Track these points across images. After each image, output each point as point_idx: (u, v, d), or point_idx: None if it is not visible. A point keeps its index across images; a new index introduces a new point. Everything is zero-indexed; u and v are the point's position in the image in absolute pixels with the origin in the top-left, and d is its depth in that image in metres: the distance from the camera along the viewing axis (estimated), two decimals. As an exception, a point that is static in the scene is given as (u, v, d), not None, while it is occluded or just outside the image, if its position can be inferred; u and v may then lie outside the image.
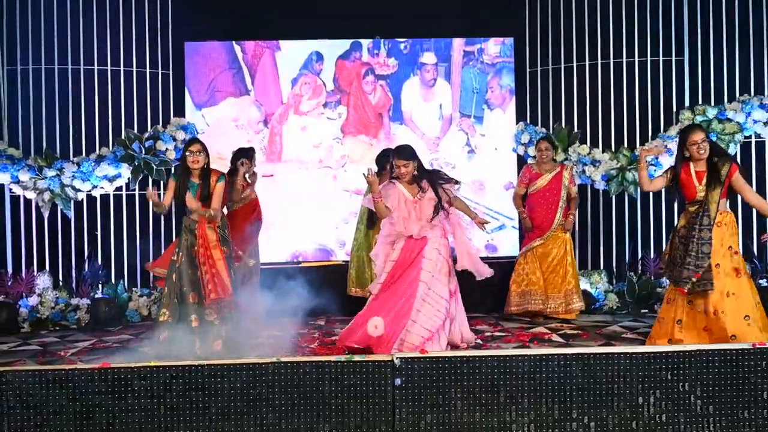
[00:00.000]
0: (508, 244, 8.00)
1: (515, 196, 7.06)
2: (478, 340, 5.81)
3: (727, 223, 5.17)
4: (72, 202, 7.30)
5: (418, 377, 3.37)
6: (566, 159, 7.50)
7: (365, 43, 7.99)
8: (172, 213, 7.51)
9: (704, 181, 5.10)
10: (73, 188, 7.23)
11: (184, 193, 5.24)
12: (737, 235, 5.29)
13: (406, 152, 5.26)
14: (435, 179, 5.30)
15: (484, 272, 5.40)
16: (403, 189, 5.28)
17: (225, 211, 5.96)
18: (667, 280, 7.07)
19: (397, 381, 3.36)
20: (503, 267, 7.54)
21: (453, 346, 5.35)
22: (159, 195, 5.49)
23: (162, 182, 7.45)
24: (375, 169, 6.25)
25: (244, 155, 6.40)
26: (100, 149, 7.40)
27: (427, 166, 5.75)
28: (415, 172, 5.24)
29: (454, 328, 5.37)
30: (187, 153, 5.26)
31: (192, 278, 5.23)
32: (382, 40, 7.99)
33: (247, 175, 6.40)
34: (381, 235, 5.43)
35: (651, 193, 7.57)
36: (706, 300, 5.08)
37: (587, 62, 7.77)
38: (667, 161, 7.33)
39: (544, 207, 6.79)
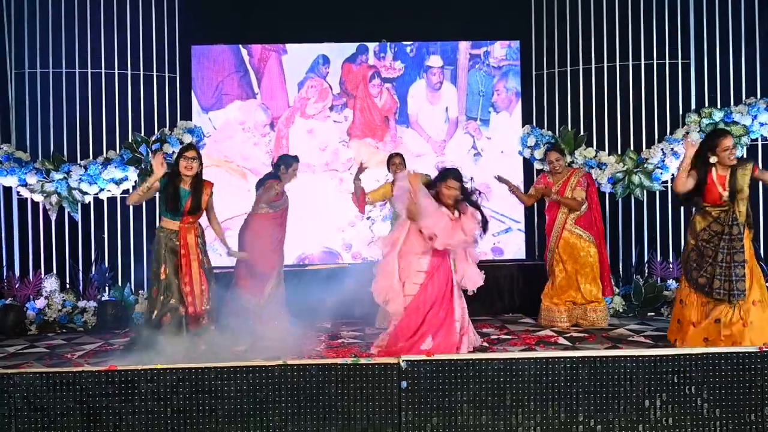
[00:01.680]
0: (514, 247, 8.00)
1: (525, 195, 6.91)
2: (484, 343, 5.81)
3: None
4: (79, 205, 7.33)
5: (424, 380, 3.37)
6: (573, 162, 7.49)
7: (371, 46, 8.00)
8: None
9: (727, 188, 5.07)
10: (81, 191, 7.26)
11: (175, 202, 5.14)
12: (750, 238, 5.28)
13: (459, 175, 5.16)
14: (473, 202, 5.19)
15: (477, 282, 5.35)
16: (444, 209, 5.16)
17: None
18: (675, 282, 7.11)
19: (403, 384, 3.36)
20: (510, 269, 7.55)
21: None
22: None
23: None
24: (390, 176, 6.29)
25: (295, 160, 6.38)
26: (107, 152, 7.44)
27: (432, 169, 5.70)
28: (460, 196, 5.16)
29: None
30: (181, 158, 5.17)
31: (179, 289, 5.17)
32: (388, 44, 8.00)
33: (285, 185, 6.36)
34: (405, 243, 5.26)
35: (657, 196, 7.56)
36: (738, 307, 5.07)
37: (593, 65, 7.76)
38: (674, 164, 7.34)
39: (554, 211, 6.69)
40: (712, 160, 5.07)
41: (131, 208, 7.53)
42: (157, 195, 5.30)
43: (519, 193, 6.78)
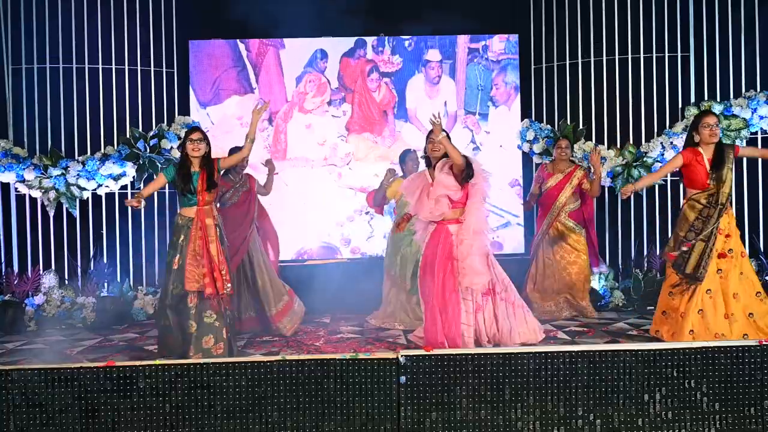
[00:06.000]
0: (514, 241, 7.99)
1: (530, 196, 7.07)
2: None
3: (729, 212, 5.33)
4: (77, 200, 7.31)
5: (423, 375, 3.36)
6: (572, 156, 7.46)
7: (370, 40, 7.98)
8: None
9: (712, 167, 5.18)
10: (79, 187, 7.25)
11: (187, 183, 5.09)
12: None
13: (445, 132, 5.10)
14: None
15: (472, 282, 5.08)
16: (428, 175, 5.14)
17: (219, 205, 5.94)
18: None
19: (402, 379, 3.35)
20: (508, 264, 7.54)
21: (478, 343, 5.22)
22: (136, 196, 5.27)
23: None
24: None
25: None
26: (105, 148, 7.42)
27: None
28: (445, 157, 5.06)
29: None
30: (187, 141, 5.11)
31: (189, 278, 5.04)
32: (386, 38, 7.98)
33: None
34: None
35: (657, 190, 7.55)
36: (725, 284, 5.20)
37: (592, 59, 7.74)
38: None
39: (548, 206, 6.76)
40: (696, 138, 5.21)
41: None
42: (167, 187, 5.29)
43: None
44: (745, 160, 7.25)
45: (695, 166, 5.22)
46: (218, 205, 6.00)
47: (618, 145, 7.60)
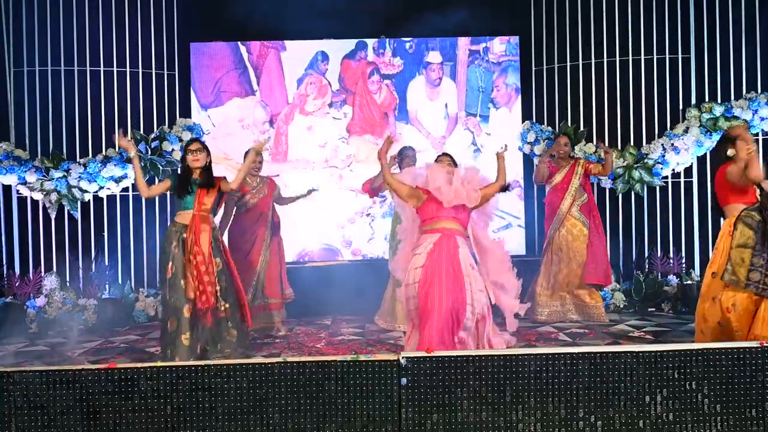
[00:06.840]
0: (515, 243, 7.97)
1: (537, 171, 7.04)
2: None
3: None
4: (79, 203, 7.32)
5: (424, 377, 3.36)
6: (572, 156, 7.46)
7: (370, 42, 7.99)
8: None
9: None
10: (80, 189, 7.26)
11: (185, 186, 5.14)
12: None
13: (449, 156, 5.30)
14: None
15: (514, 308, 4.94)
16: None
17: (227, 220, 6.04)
18: (676, 278, 7.08)
19: (403, 380, 3.35)
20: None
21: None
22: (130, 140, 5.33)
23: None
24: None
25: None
26: (106, 150, 7.43)
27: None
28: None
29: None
30: (187, 153, 5.18)
31: (185, 288, 5.06)
32: (387, 40, 7.99)
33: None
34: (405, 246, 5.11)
35: (657, 191, 7.55)
36: None
37: (593, 60, 7.75)
38: (674, 159, 7.33)
39: (557, 202, 6.77)
40: (730, 152, 4.72)
41: (131, 205, 7.54)
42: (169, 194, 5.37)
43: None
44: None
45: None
46: (234, 209, 6.25)
47: (619, 147, 7.60)
